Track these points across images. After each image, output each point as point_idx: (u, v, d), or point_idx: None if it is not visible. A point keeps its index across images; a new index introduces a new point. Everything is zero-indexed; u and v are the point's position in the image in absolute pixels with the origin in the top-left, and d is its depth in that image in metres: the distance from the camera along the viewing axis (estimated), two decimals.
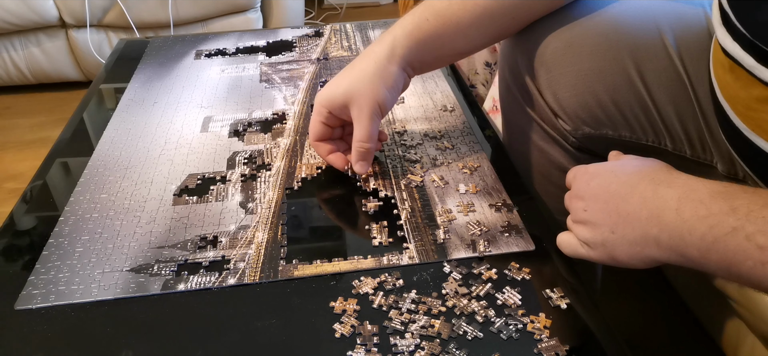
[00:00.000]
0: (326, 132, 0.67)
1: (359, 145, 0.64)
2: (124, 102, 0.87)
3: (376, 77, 0.62)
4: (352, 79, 0.63)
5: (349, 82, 0.63)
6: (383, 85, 0.62)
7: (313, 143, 0.68)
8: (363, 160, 0.65)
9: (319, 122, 0.66)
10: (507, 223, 0.60)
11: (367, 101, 0.62)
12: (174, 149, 0.75)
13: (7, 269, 0.58)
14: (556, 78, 0.64)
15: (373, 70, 0.62)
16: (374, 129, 0.64)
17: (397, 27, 0.64)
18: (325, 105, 0.65)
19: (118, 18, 1.98)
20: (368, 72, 0.62)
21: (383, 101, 0.63)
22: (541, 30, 0.65)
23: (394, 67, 0.63)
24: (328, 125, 0.66)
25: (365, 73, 0.63)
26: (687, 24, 0.63)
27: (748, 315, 0.59)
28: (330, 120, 0.66)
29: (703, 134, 0.64)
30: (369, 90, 0.62)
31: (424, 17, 0.64)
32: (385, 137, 0.72)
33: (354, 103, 0.63)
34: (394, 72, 0.63)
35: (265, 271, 0.55)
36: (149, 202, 0.65)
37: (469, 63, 1.16)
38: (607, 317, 0.51)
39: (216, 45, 1.06)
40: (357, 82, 0.63)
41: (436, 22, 0.63)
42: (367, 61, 0.63)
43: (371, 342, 0.47)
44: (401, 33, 0.64)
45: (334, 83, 0.64)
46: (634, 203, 0.47)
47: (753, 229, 0.39)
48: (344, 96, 0.63)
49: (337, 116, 0.65)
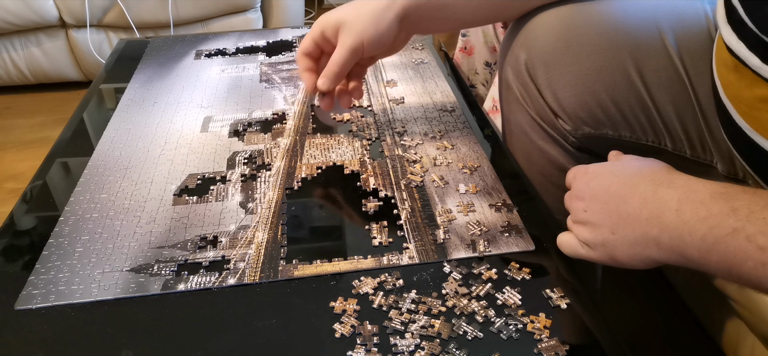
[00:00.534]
0: (314, 50, 0.70)
1: (330, 64, 0.67)
2: (124, 102, 0.87)
3: (369, 17, 0.65)
4: (348, 10, 0.66)
5: (344, 12, 0.66)
6: (374, 26, 0.65)
7: (298, 55, 0.71)
8: (327, 77, 0.67)
9: (311, 37, 0.69)
10: (507, 223, 0.60)
11: (353, 31, 0.65)
12: (174, 149, 0.75)
13: (7, 269, 0.58)
14: (556, 78, 0.64)
15: (370, 9, 0.65)
16: (349, 59, 0.66)
17: None
18: (319, 24, 0.68)
19: (118, 18, 1.98)
20: (365, 10, 0.65)
21: (368, 41, 0.65)
22: (541, 29, 0.65)
23: (391, 14, 0.65)
24: (318, 44, 0.69)
25: (362, 10, 0.66)
26: (687, 23, 0.63)
27: (748, 315, 0.59)
28: (320, 40, 0.69)
29: (703, 134, 0.64)
30: (359, 25, 0.65)
31: None
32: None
33: (343, 29, 0.66)
34: (389, 19, 0.65)
35: (265, 271, 0.55)
36: (149, 202, 0.65)
37: (469, 63, 1.16)
38: (607, 317, 0.51)
39: (216, 45, 1.06)
40: (351, 14, 0.66)
41: None
42: (367, 3, 0.66)
43: (371, 342, 0.47)
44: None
45: (334, 10, 0.68)
46: (635, 203, 0.47)
47: (753, 230, 0.39)
48: (336, 22, 0.66)
49: (328, 40, 0.68)
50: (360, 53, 0.66)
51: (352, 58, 0.66)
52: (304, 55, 0.70)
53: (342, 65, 0.66)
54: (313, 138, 0.76)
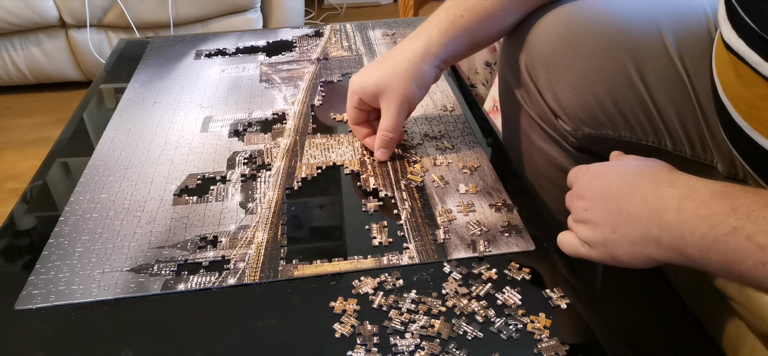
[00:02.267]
0: (361, 116, 0.71)
1: (384, 133, 0.67)
2: (124, 102, 0.87)
3: (408, 74, 0.65)
4: (384, 72, 0.66)
5: (381, 75, 0.66)
6: (414, 82, 0.65)
7: (352, 126, 0.73)
8: (385, 147, 0.69)
9: (352, 107, 0.70)
10: (507, 223, 0.60)
11: (396, 96, 0.65)
12: (174, 149, 0.75)
13: (7, 269, 0.58)
14: (556, 78, 0.64)
15: (406, 67, 0.65)
16: (400, 121, 0.67)
17: (432, 25, 0.66)
18: (357, 92, 0.68)
19: (118, 18, 1.98)
20: (401, 68, 0.65)
21: (412, 97, 0.66)
22: (541, 30, 0.65)
23: (427, 66, 0.65)
24: (361, 109, 0.70)
25: (398, 69, 0.65)
26: (687, 24, 0.63)
27: (748, 315, 0.59)
28: (362, 106, 0.70)
29: (704, 134, 0.64)
30: (399, 85, 0.65)
31: (459, 13, 0.65)
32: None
33: (384, 95, 0.66)
34: (426, 71, 0.66)
35: (265, 271, 0.55)
36: (149, 202, 0.65)
37: (469, 63, 1.16)
38: (607, 317, 0.51)
39: (216, 45, 1.06)
40: (389, 76, 0.66)
41: (470, 17, 0.65)
42: (401, 57, 0.66)
43: (371, 342, 0.47)
44: (436, 32, 0.65)
45: (367, 72, 0.68)
46: (635, 202, 0.47)
47: (753, 229, 0.39)
48: (375, 87, 0.66)
49: (367, 103, 0.69)
50: (408, 111, 0.68)
51: (403, 119, 0.68)
52: (357, 126, 0.72)
53: (396, 131, 0.67)
54: (313, 138, 0.76)
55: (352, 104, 0.70)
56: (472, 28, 0.66)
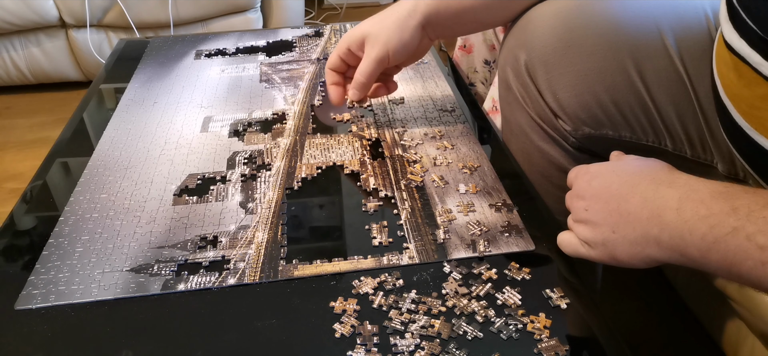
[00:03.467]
0: (340, 65, 0.74)
1: (358, 76, 0.71)
2: (124, 102, 0.87)
3: (393, 26, 0.69)
4: (373, 23, 0.71)
5: (369, 25, 0.71)
6: (397, 36, 0.69)
7: (327, 69, 0.75)
8: (356, 89, 0.72)
9: (336, 54, 0.74)
10: (507, 223, 0.60)
11: (378, 43, 0.69)
12: (174, 149, 0.75)
13: (7, 269, 0.58)
14: (556, 78, 0.64)
15: (393, 19, 0.69)
16: (375, 69, 0.70)
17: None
18: (345, 40, 0.72)
19: (118, 18, 1.98)
20: (388, 20, 0.69)
21: (393, 50, 0.69)
22: (541, 30, 0.65)
23: (413, 22, 0.68)
24: (343, 59, 0.74)
25: (385, 21, 0.70)
26: (687, 24, 0.63)
27: (748, 315, 0.59)
28: (346, 56, 0.73)
29: (704, 134, 0.64)
30: (384, 35, 0.69)
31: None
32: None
33: (368, 42, 0.70)
34: (411, 27, 0.68)
35: (265, 271, 0.55)
36: (149, 202, 0.65)
37: (469, 61, 1.15)
38: (607, 317, 0.51)
39: (216, 45, 1.06)
40: (376, 26, 0.70)
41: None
42: (390, 11, 0.70)
43: (371, 342, 0.47)
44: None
45: (360, 25, 0.72)
46: (635, 202, 0.47)
47: (753, 229, 0.39)
48: (362, 34, 0.70)
49: (353, 54, 0.72)
50: (386, 62, 0.70)
51: (378, 68, 0.70)
52: (331, 70, 0.75)
53: (369, 75, 0.70)
54: (313, 138, 0.76)
55: (338, 51, 0.73)
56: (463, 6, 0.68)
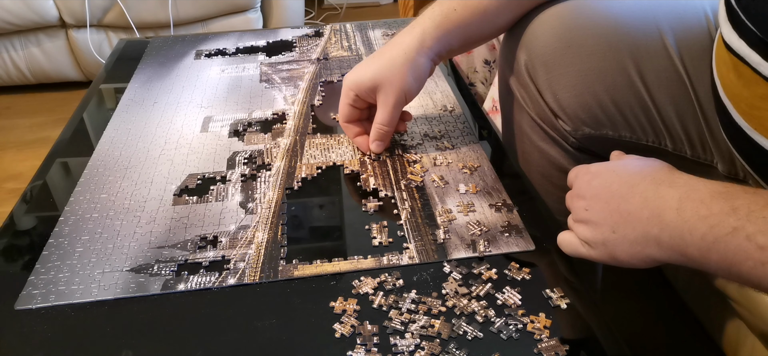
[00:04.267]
0: (354, 114, 0.71)
1: (379, 127, 0.69)
2: (124, 102, 0.87)
3: (404, 67, 0.66)
4: (380, 66, 0.67)
5: (377, 69, 0.67)
6: (411, 75, 0.66)
7: (343, 124, 0.73)
8: (380, 140, 0.70)
9: (347, 104, 0.70)
10: (507, 223, 0.60)
11: (393, 89, 0.66)
12: (174, 149, 0.75)
13: (7, 269, 0.58)
14: (556, 78, 0.64)
15: (402, 60, 0.66)
16: (396, 114, 0.68)
17: (427, 18, 0.67)
18: (353, 88, 0.68)
19: (118, 18, 1.98)
20: (397, 62, 0.66)
21: (409, 90, 0.67)
22: (541, 30, 0.65)
23: (423, 58, 0.66)
24: (355, 107, 0.70)
25: (394, 62, 0.66)
26: (687, 24, 0.63)
27: (748, 315, 0.59)
28: (357, 103, 0.70)
29: (704, 134, 0.64)
30: (397, 79, 0.66)
31: (452, 7, 0.66)
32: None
33: (381, 89, 0.67)
34: (422, 63, 0.66)
35: (265, 271, 0.55)
36: (149, 202, 0.65)
37: (468, 61, 1.16)
38: (607, 317, 0.51)
39: (216, 45, 1.06)
40: (386, 69, 0.66)
41: (464, 11, 0.66)
42: (396, 51, 0.66)
43: (371, 342, 0.47)
44: (430, 25, 0.66)
45: (362, 68, 0.68)
46: (636, 202, 0.47)
47: (753, 229, 0.39)
48: (372, 82, 0.67)
49: (363, 99, 0.69)
50: (403, 105, 0.69)
51: (398, 114, 0.69)
52: (348, 124, 0.72)
53: (391, 124, 0.69)
54: (313, 138, 0.76)
55: (347, 101, 0.70)
56: (466, 23, 0.66)
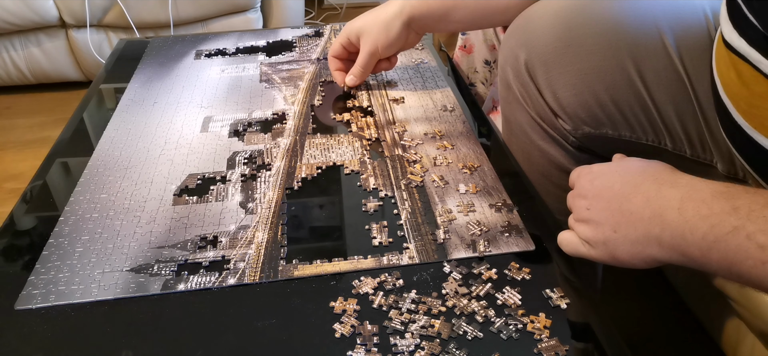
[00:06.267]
0: (343, 53, 0.87)
1: (355, 67, 0.85)
2: (124, 102, 0.87)
3: (381, 25, 0.80)
4: (366, 20, 0.83)
5: (364, 22, 0.83)
6: (385, 34, 0.81)
7: (330, 58, 0.88)
8: (353, 76, 0.85)
9: (339, 43, 0.86)
10: (507, 223, 0.60)
11: (369, 41, 0.82)
12: (174, 149, 0.75)
13: (7, 269, 0.58)
14: (556, 78, 0.64)
15: (382, 19, 0.81)
16: (369, 62, 0.84)
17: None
18: (346, 32, 0.85)
19: (118, 18, 1.98)
20: (379, 19, 0.81)
21: (382, 46, 0.81)
22: (541, 29, 0.65)
23: (398, 21, 0.79)
24: (345, 47, 0.86)
25: (376, 20, 0.81)
26: (687, 24, 0.63)
27: (748, 315, 0.59)
28: (347, 44, 0.85)
29: (703, 133, 0.64)
30: (374, 34, 0.81)
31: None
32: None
33: (362, 39, 0.83)
34: (397, 26, 0.79)
35: (265, 271, 0.55)
36: (149, 202, 0.65)
37: (469, 61, 1.15)
38: (607, 317, 0.51)
39: (216, 45, 1.06)
40: (369, 23, 0.82)
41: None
42: (383, 10, 0.81)
43: (371, 342, 0.47)
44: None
45: (359, 18, 0.84)
46: (637, 202, 0.47)
47: (754, 228, 0.39)
48: (357, 30, 0.83)
49: (352, 43, 0.84)
50: (377, 56, 0.83)
51: (372, 60, 0.83)
52: (334, 57, 0.87)
53: (364, 67, 0.84)
54: (313, 138, 0.76)
55: (340, 40, 0.85)
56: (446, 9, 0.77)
